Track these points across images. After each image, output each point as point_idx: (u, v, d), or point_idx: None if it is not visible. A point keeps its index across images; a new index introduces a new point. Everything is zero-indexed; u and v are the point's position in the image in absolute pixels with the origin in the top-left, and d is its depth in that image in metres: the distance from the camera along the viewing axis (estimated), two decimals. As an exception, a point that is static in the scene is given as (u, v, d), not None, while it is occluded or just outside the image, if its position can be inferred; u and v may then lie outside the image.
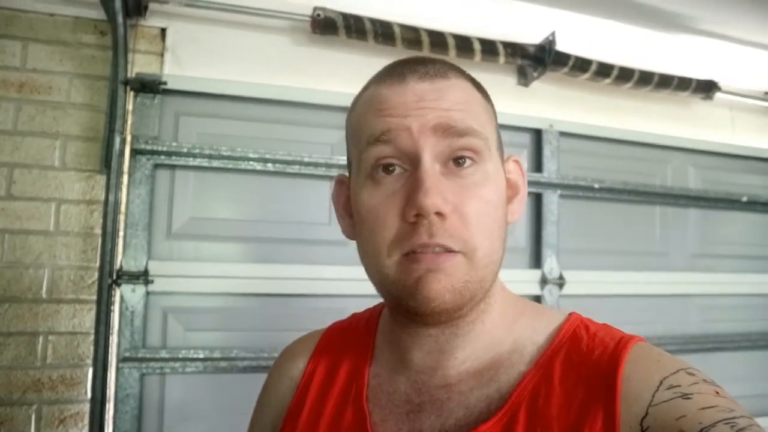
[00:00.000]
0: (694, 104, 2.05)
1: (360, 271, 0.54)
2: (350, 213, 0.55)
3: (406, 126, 0.47)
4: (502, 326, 0.54)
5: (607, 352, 0.47)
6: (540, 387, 0.48)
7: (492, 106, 0.55)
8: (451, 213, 0.46)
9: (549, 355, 0.50)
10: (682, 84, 1.92)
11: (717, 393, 0.42)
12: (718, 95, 2.00)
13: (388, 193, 0.48)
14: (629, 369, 0.45)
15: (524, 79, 1.80)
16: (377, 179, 0.49)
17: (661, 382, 0.43)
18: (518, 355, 0.52)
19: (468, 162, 0.48)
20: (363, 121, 0.51)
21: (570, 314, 0.55)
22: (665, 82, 1.89)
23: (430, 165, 0.47)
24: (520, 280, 1.67)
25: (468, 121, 0.48)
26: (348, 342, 0.63)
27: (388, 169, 0.49)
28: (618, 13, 1.76)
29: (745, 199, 1.97)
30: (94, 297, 1.35)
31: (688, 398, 0.41)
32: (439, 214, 0.46)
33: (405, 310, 0.50)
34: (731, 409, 0.40)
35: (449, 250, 0.46)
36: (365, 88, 0.54)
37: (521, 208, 0.56)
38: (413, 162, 0.48)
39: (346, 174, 0.58)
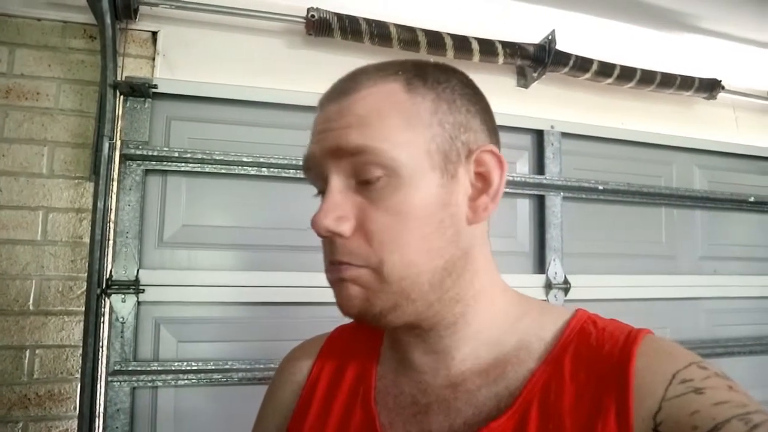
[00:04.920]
0: (696, 104, 2.02)
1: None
2: None
3: (313, 153, 0.50)
4: (502, 325, 0.53)
5: (617, 346, 0.47)
6: (551, 383, 0.47)
7: (437, 104, 0.50)
8: (354, 232, 0.48)
9: (558, 351, 0.49)
10: (685, 83, 1.88)
11: (730, 387, 0.42)
12: (721, 95, 1.96)
13: None
14: (641, 363, 0.44)
15: (524, 79, 1.77)
16: (318, 201, 0.52)
17: (673, 376, 0.43)
18: (525, 352, 0.51)
19: (375, 178, 0.47)
20: None
21: (576, 310, 0.54)
22: (668, 82, 1.86)
23: (333, 186, 0.49)
24: (524, 285, 1.62)
25: (361, 139, 0.47)
26: (354, 344, 0.63)
27: (322, 192, 0.51)
28: (619, 12, 1.73)
29: (752, 199, 1.93)
30: (83, 308, 1.30)
31: (701, 393, 0.41)
32: (338, 234, 0.48)
33: None
34: (744, 404, 0.39)
35: (351, 265, 0.48)
36: None
37: (495, 203, 0.51)
38: (327, 184, 0.50)
39: None
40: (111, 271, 1.32)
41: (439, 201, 0.48)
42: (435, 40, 1.56)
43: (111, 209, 1.34)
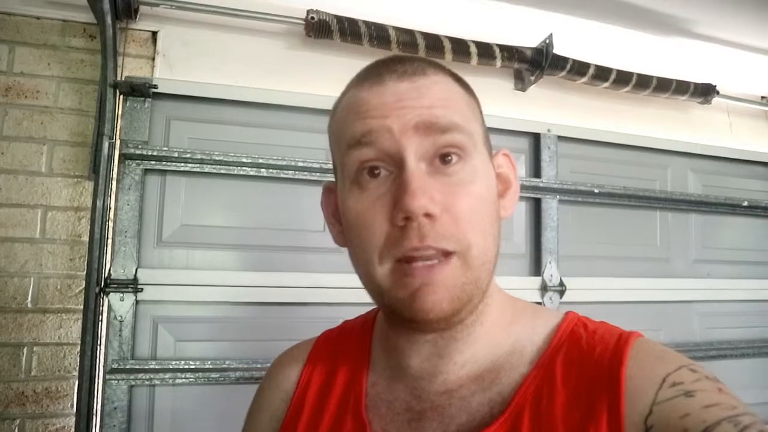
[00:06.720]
0: (692, 108, 2.04)
1: (356, 279, 0.51)
2: (340, 220, 0.54)
3: (387, 127, 0.46)
4: (501, 327, 0.53)
5: (608, 350, 0.47)
6: (542, 388, 0.47)
7: (476, 100, 0.54)
8: (442, 213, 0.45)
9: (549, 355, 0.49)
10: (680, 88, 1.90)
11: (720, 390, 0.42)
12: (715, 99, 1.98)
13: (375, 197, 0.47)
14: (632, 366, 0.44)
15: (521, 83, 1.78)
16: (363, 184, 0.48)
17: (664, 380, 0.43)
18: (518, 356, 0.51)
19: (454, 159, 0.47)
20: (343, 126, 0.50)
21: (567, 313, 0.54)
22: (663, 86, 1.87)
23: (414, 165, 0.45)
24: (520, 287, 1.64)
25: (450, 116, 0.47)
26: (342, 350, 0.61)
27: (373, 172, 0.47)
28: (616, 17, 1.74)
29: (745, 203, 1.95)
30: (81, 306, 1.31)
31: (691, 396, 0.41)
32: (428, 215, 0.44)
33: (401, 319, 0.49)
34: (734, 406, 0.40)
35: (443, 252, 0.45)
36: (344, 93, 0.53)
37: (514, 202, 0.55)
38: (398, 163, 0.46)
39: (334, 181, 0.56)
40: (110, 270, 1.33)
41: (494, 190, 0.51)
42: (433, 43, 1.57)
43: (110, 208, 1.34)
